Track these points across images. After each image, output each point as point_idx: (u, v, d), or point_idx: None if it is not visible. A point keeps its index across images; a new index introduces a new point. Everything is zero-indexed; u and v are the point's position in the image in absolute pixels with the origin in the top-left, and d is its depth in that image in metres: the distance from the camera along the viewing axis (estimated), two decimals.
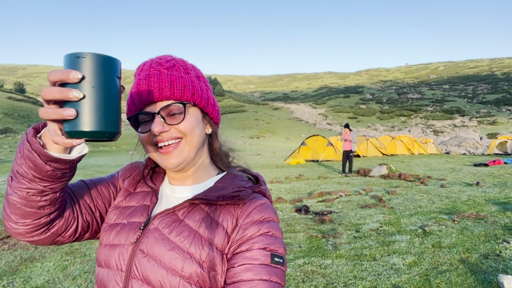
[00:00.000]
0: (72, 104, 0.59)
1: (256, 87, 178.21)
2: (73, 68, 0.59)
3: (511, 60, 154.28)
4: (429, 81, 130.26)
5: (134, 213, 0.89)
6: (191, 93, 0.86)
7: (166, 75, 0.84)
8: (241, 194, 0.84)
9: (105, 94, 0.61)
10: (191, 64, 0.93)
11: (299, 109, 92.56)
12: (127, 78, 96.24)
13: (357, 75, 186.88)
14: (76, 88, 0.59)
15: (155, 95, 0.82)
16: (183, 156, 0.85)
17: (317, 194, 8.81)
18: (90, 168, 16.25)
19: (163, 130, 0.82)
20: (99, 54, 0.60)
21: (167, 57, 0.89)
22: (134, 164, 1.03)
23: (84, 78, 0.59)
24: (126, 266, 0.81)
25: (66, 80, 0.59)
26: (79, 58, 0.59)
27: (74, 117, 0.59)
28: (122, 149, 32.57)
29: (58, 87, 0.60)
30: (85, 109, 0.59)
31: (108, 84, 0.61)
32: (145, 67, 0.87)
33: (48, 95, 0.60)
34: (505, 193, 7.35)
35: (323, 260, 4.38)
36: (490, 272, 3.65)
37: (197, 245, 0.79)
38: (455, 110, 76.61)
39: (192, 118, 0.86)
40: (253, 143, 46.89)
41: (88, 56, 0.59)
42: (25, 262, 4.65)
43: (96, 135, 0.60)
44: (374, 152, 20.59)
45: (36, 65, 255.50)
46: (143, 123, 0.86)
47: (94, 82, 0.59)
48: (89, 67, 0.59)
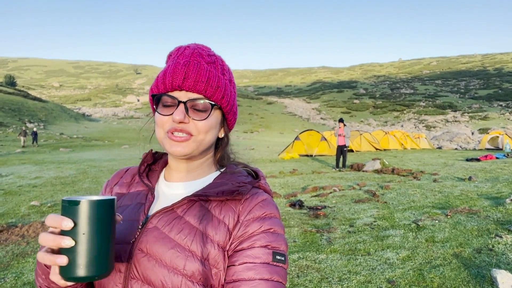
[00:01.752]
0: (65, 250, 0.64)
1: (250, 81, 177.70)
2: (67, 214, 0.64)
3: (503, 55, 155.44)
4: (422, 76, 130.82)
5: (129, 213, 0.87)
6: (222, 95, 0.85)
7: (206, 69, 0.83)
8: (241, 190, 0.83)
9: (97, 239, 0.64)
10: (228, 65, 0.92)
11: (293, 104, 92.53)
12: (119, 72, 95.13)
13: (351, 70, 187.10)
14: (69, 234, 0.63)
15: (189, 84, 0.81)
16: (190, 149, 0.84)
17: (311, 189, 8.83)
18: (82, 163, 16.12)
19: (183, 120, 0.80)
20: (92, 201, 0.64)
21: (208, 50, 0.89)
22: (118, 172, 1.02)
23: (76, 225, 0.63)
24: (125, 267, 0.79)
25: (60, 228, 0.63)
26: (72, 206, 0.63)
27: (67, 264, 0.63)
28: (115, 143, 32.37)
29: (52, 235, 0.63)
30: (77, 255, 0.63)
31: (100, 228, 0.65)
32: (186, 52, 0.86)
33: (43, 243, 0.64)
34: (497, 188, 7.42)
35: (318, 255, 4.38)
36: (483, 267, 3.68)
37: (199, 243, 0.78)
38: (447, 105, 77.12)
39: (212, 120, 0.85)
40: (247, 137, 46.86)
41: (81, 204, 0.63)
42: (17, 258, 4.60)
43: (86, 280, 0.65)
44: (367, 147, 20.70)
45: (27, 57, 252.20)
46: (165, 106, 0.84)
47: (86, 229, 0.63)
48: (81, 214, 0.63)
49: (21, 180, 11.04)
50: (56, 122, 49.21)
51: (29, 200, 8.11)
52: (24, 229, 5.65)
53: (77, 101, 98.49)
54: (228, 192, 0.82)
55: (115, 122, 64.18)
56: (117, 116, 74.35)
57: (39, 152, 23.34)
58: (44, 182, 10.59)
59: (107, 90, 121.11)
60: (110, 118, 70.68)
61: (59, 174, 12.23)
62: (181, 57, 0.84)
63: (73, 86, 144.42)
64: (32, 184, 10.24)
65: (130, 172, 1.00)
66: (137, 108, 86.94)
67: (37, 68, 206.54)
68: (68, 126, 48.58)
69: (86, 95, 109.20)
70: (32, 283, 3.87)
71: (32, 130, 29.69)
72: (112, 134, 43.47)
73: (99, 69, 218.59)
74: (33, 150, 24.60)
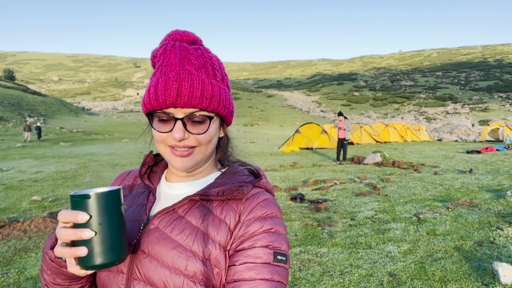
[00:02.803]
0: (83, 241, 0.66)
1: (249, 74, 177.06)
2: (80, 209, 0.66)
3: (504, 46, 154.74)
4: (422, 68, 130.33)
5: (131, 214, 0.87)
6: (218, 103, 0.82)
7: (198, 80, 0.79)
8: (241, 189, 0.83)
9: (111, 227, 0.68)
10: (216, 57, 0.88)
11: (292, 97, 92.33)
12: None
13: (351, 62, 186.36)
14: (86, 227, 0.66)
15: (183, 101, 0.78)
16: (195, 161, 0.84)
17: (312, 182, 8.84)
18: (83, 157, 16.13)
19: (183, 137, 0.79)
20: (101, 192, 0.67)
21: (194, 48, 0.83)
22: (120, 174, 1.03)
23: (91, 217, 0.66)
24: (127, 268, 0.80)
25: (76, 222, 0.65)
26: (84, 200, 0.66)
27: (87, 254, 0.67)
28: (115, 137, 32.36)
29: (71, 229, 0.66)
30: (95, 244, 0.66)
31: (113, 217, 0.68)
32: (173, 59, 0.81)
33: (63, 237, 0.67)
34: (498, 180, 7.42)
35: (319, 248, 4.39)
36: (485, 260, 3.69)
37: (200, 243, 0.77)
38: (448, 97, 77.00)
39: (212, 129, 0.84)
40: (247, 130, 46.83)
41: (92, 196, 0.66)
42: (19, 253, 4.61)
43: (106, 266, 0.68)
44: (367, 139, 20.68)
45: (26, 51, 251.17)
46: (161, 121, 0.82)
47: (101, 219, 0.67)
48: (94, 206, 0.66)
49: (22, 174, 11.05)
50: (56, 116, 49.14)
51: (30, 194, 8.12)
52: (26, 224, 5.66)
53: (77, 95, 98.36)
54: (229, 192, 0.82)
55: (115, 115, 64.09)
56: (116, 110, 74.29)
57: (40, 147, 23.33)
58: (45, 177, 10.60)
59: (106, 83, 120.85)
60: (110, 112, 70.61)
61: (60, 169, 12.23)
62: (170, 68, 0.80)
63: (72, 80, 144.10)
64: (33, 179, 10.24)
65: (132, 174, 1.01)
66: (137, 101, 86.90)
67: (36, 62, 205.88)
68: (68, 120, 48.53)
69: (85, 89, 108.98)
70: (35, 278, 3.88)
71: (36, 125, 29.27)
72: (112, 128, 43.43)
73: (98, 62, 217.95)
74: (34, 145, 24.60)
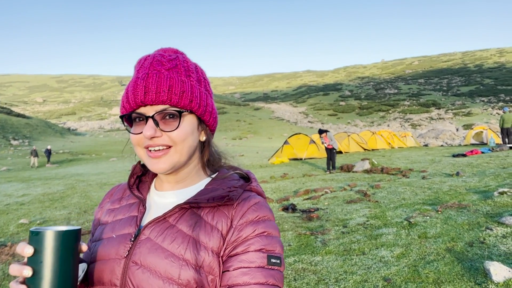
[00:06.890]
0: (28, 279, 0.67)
1: (236, 88, 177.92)
2: (30, 243, 0.67)
3: (482, 52, 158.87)
4: (405, 76, 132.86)
5: (122, 226, 0.86)
6: (189, 100, 0.82)
7: (166, 77, 0.80)
8: (231, 195, 0.82)
9: (55, 267, 0.67)
10: (194, 64, 0.89)
11: (280, 109, 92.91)
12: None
13: (335, 72, 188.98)
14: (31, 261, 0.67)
15: (151, 97, 0.78)
16: (172, 162, 0.82)
17: (302, 192, 8.85)
18: (70, 178, 15.88)
19: (155, 135, 0.79)
20: (52, 232, 0.67)
21: (170, 55, 0.85)
22: (109, 190, 1.02)
23: (36, 253, 0.66)
24: (120, 281, 0.78)
25: (22, 254, 0.67)
26: (34, 236, 0.67)
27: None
28: (102, 156, 31.98)
29: (17, 265, 0.67)
30: (35, 283, 0.66)
31: (58, 258, 0.67)
32: (145, 63, 0.83)
33: (11, 272, 0.68)
34: (484, 182, 7.55)
35: (313, 257, 4.39)
36: (476, 260, 3.74)
37: (192, 251, 0.76)
38: (431, 103, 78.39)
39: (186, 127, 0.82)
40: (236, 144, 46.80)
41: (40, 234, 0.67)
42: (8, 277, 4.50)
43: None
44: (355, 147, 20.87)
45: (8, 74, 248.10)
46: (135, 124, 0.83)
47: (44, 258, 0.66)
48: (40, 243, 0.67)
49: (8, 198, 10.82)
50: (41, 138, 48.41)
51: (17, 218, 7.94)
52: (14, 248, 5.53)
53: (62, 116, 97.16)
54: (219, 198, 0.81)
55: (101, 135, 63.42)
56: (103, 129, 73.53)
57: (25, 169, 22.91)
58: (31, 199, 10.39)
59: (92, 103, 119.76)
60: (96, 131, 69.87)
61: (47, 191, 12.02)
62: (140, 70, 0.82)
63: (57, 101, 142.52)
64: (20, 202, 10.04)
65: (122, 187, 1.00)
66: None
67: (20, 84, 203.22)
68: (53, 141, 47.79)
69: (70, 109, 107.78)
70: None
71: (46, 148, 27.76)
72: (99, 147, 42.92)
73: (83, 82, 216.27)
74: (19, 168, 24.14)
